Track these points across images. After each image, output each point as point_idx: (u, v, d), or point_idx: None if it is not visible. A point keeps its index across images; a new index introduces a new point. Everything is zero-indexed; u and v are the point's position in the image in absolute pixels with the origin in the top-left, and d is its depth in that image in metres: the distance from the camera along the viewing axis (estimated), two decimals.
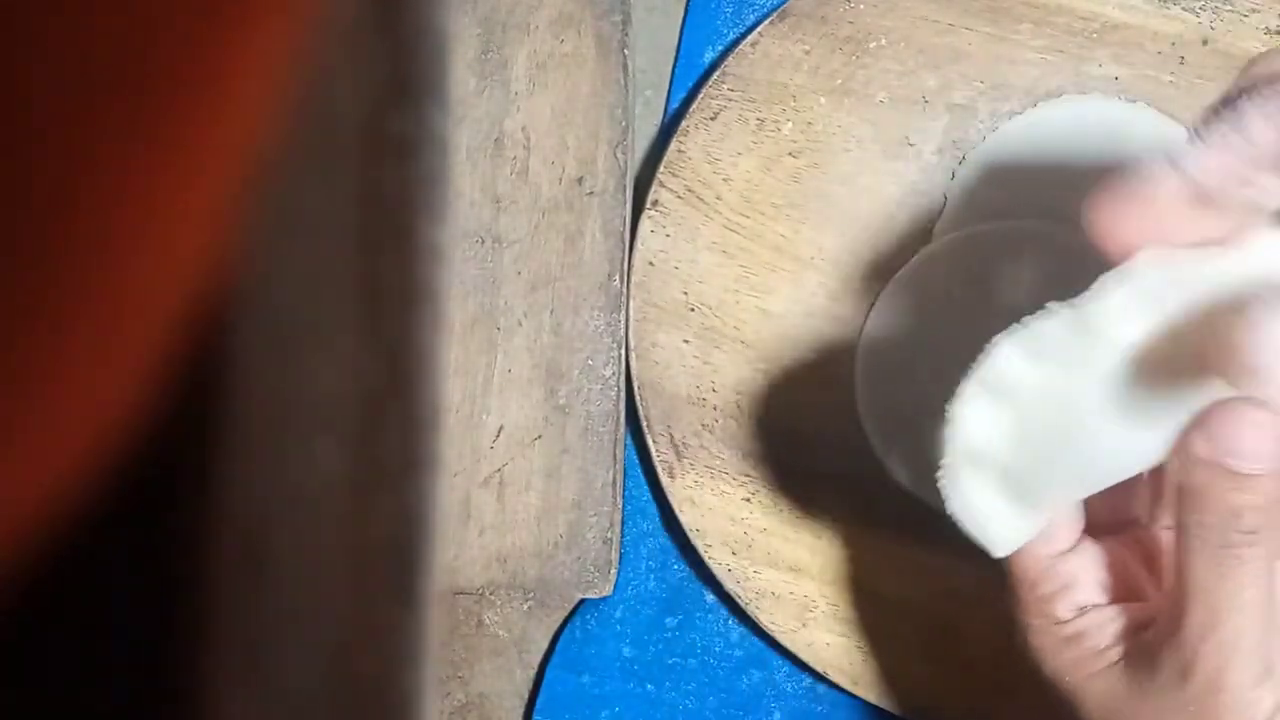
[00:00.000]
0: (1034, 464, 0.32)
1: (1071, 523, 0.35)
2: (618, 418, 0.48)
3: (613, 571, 0.48)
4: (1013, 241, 0.46)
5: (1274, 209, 0.31)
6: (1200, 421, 0.30)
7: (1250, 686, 0.31)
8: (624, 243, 0.49)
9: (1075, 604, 0.34)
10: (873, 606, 0.47)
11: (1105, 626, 0.34)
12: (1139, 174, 0.30)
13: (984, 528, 0.33)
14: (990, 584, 0.46)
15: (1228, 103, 0.30)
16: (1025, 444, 0.32)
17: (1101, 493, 0.34)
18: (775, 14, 0.49)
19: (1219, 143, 0.29)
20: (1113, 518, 0.36)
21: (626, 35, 0.50)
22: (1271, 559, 0.31)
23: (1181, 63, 0.47)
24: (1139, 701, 0.33)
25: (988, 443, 0.32)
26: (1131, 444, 0.31)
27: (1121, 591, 0.35)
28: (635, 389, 0.48)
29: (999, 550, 0.33)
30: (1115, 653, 0.34)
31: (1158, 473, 0.35)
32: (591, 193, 0.49)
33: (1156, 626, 0.33)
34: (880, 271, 0.48)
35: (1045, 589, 0.34)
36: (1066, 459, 0.32)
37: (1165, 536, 0.36)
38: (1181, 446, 0.31)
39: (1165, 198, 0.30)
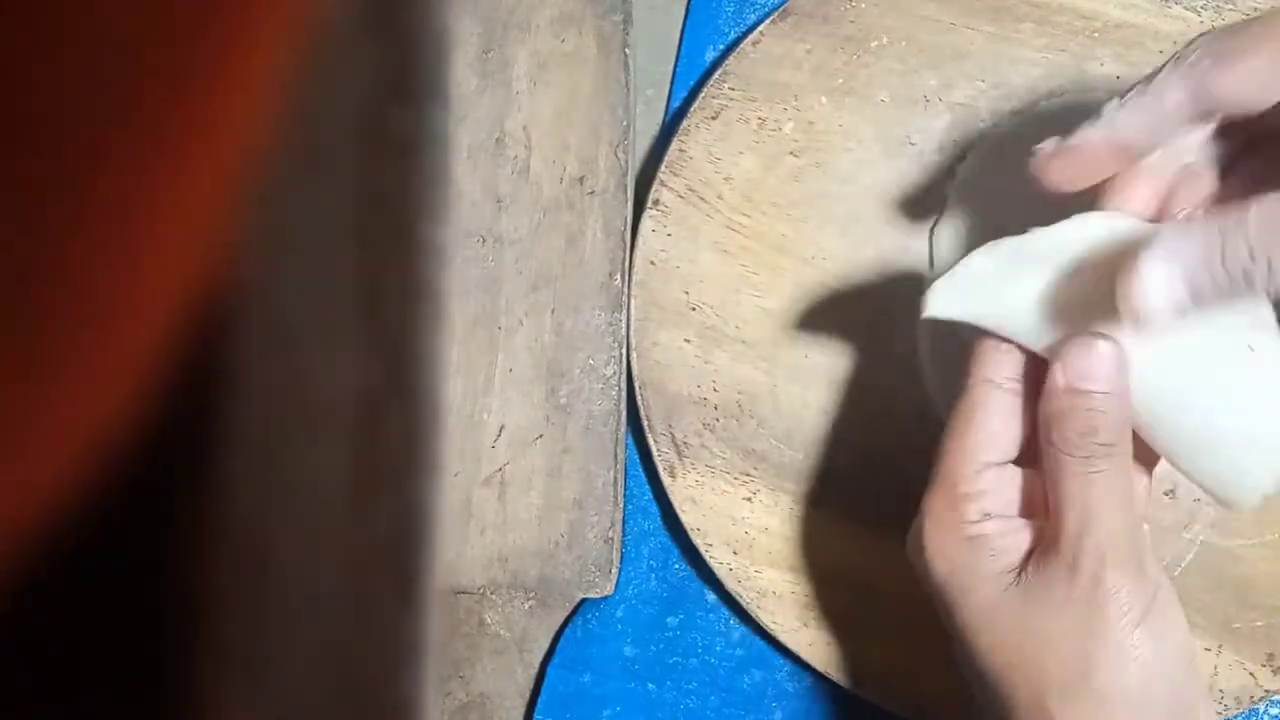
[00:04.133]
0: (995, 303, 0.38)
1: (1010, 441, 0.38)
2: (619, 417, 0.48)
3: (614, 571, 0.48)
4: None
5: (1190, 160, 0.37)
6: (1058, 356, 0.36)
7: (1128, 582, 0.35)
8: (625, 242, 0.49)
9: (982, 510, 0.38)
10: (875, 605, 0.47)
11: (1005, 537, 0.38)
12: (1073, 132, 0.36)
13: (938, 301, 0.38)
14: None
15: (1148, 76, 0.36)
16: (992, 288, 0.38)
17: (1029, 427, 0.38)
18: (776, 13, 0.49)
19: (1135, 103, 0.35)
20: (1031, 449, 0.39)
21: (628, 34, 0.50)
22: (1128, 470, 0.36)
23: None
24: (1025, 607, 0.36)
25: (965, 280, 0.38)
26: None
27: (1025, 510, 0.39)
28: (636, 388, 0.48)
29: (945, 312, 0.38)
30: (1008, 561, 0.37)
31: None
32: (593, 192, 0.49)
33: (1044, 541, 0.37)
34: (882, 271, 0.48)
35: (963, 489, 0.38)
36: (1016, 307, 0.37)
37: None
38: (1047, 380, 0.36)
39: (1091, 150, 0.36)
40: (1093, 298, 0.36)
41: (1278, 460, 0.36)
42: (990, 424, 0.38)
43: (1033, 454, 0.38)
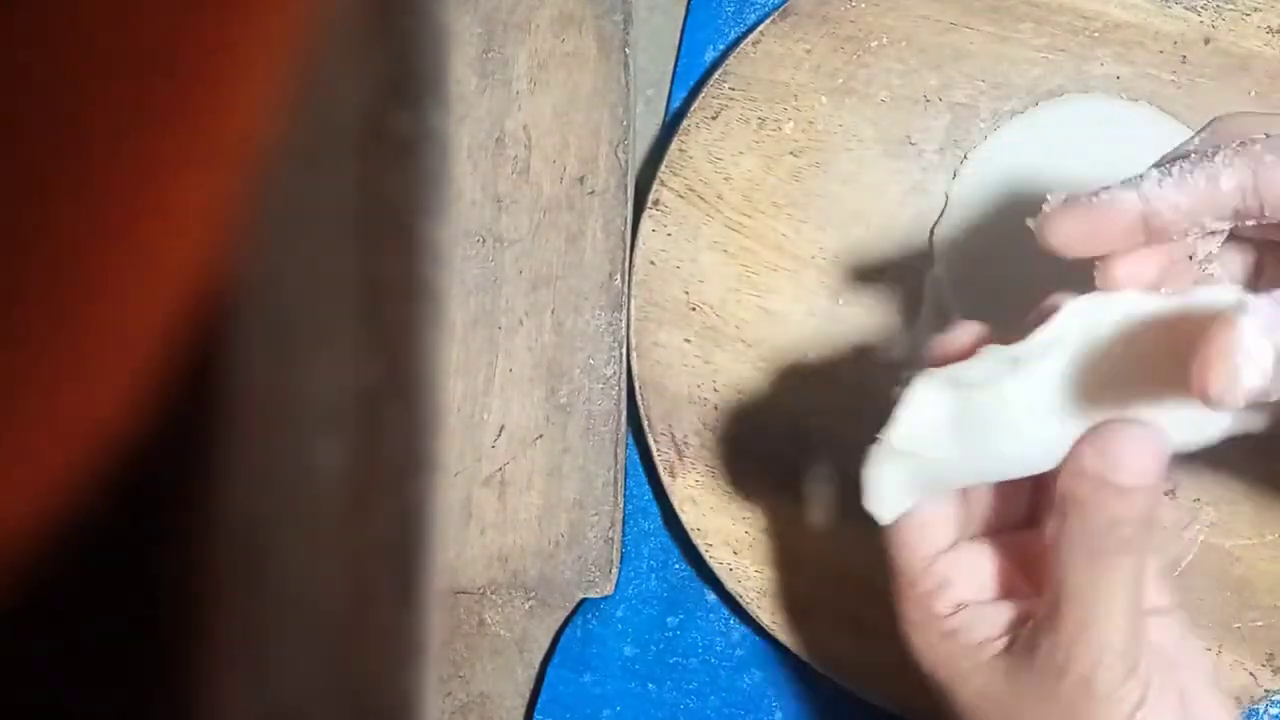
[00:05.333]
0: (948, 455, 0.35)
1: (948, 523, 0.37)
2: (619, 417, 0.48)
3: (614, 571, 0.48)
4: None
5: (1204, 262, 0.34)
6: (1091, 437, 0.33)
7: (1118, 684, 0.33)
8: (625, 242, 0.49)
9: (953, 600, 0.36)
10: (875, 605, 0.47)
11: (983, 622, 0.36)
12: (1101, 192, 0.33)
13: (878, 499, 0.36)
14: None
15: (1197, 151, 0.33)
16: (950, 437, 0.34)
17: (986, 498, 0.37)
18: (777, 13, 0.49)
19: (1186, 181, 0.32)
20: (996, 521, 0.38)
21: (628, 34, 0.50)
22: (1142, 566, 0.33)
23: (1183, 62, 0.47)
24: (1014, 695, 0.35)
25: (919, 433, 0.34)
26: (1036, 447, 0.34)
27: (999, 590, 0.37)
28: (636, 388, 0.48)
29: (884, 519, 0.36)
30: (994, 647, 0.36)
31: (1042, 481, 0.36)
32: (593, 192, 0.49)
33: (1035, 624, 0.35)
34: (882, 270, 0.48)
35: (924, 586, 0.36)
36: (976, 453, 0.34)
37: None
38: (1072, 458, 0.33)
39: (1118, 215, 0.32)
40: (1116, 383, 0.32)
41: None
42: (925, 512, 0.36)
43: (999, 526, 0.37)
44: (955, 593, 0.36)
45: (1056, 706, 0.34)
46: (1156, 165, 0.33)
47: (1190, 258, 0.34)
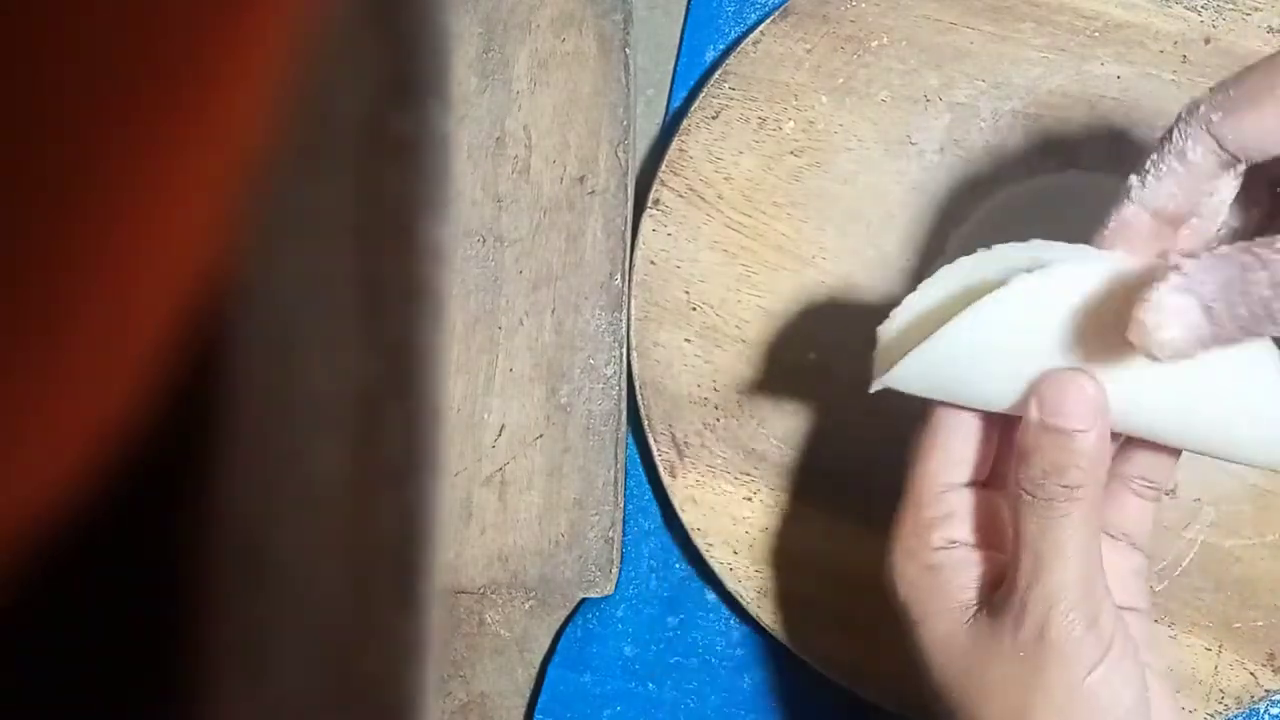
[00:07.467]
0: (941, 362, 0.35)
1: (967, 462, 0.37)
2: (619, 417, 0.48)
3: (614, 570, 0.48)
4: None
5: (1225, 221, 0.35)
6: (1034, 388, 0.34)
7: (1076, 637, 0.33)
8: (625, 242, 0.49)
9: (949, 536, 0.37)
10: (874, 605, 0.47)
11: (966, 568, 0.36)
12: (1110, 219, 0.34)
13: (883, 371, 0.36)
14: None
15: (1163, 137, 0.34)
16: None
17: (993, 447, 0.37)
18: (777, 12, 0.49)
19: (1160, 171, 0.33)
20: (999, 471, 0.38)
21: (628, 34, 0.50)
22: (1094, 518, 0.34)
23: (1184, 61, 0.47)
24: (978, 648, 0.35)
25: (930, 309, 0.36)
26: (1008, 384, 0.35)
27: (990, 540, 0.37)
28: (637, 388, 0.48)
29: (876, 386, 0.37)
30: (967, 596, 0.36)
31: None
32: (593, 191, 0.49)
33: (1004, 579, 0.36)
34: (882, 271, 0.48)
35: (930, 512, 0.37)
36: (962, 372, 0.35)
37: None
38: (1023, 408, 0.34)
39: (1136, 228, 0.34)
40: (1082, 340, 0.34)
41: None
42: (952, 445, 0.37)
43: (1003, 478, 0.37)
44: (953, 529, 0.37)
45: (1013, 661, 0.34)
46: (1136, 170, 0.34)
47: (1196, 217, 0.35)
